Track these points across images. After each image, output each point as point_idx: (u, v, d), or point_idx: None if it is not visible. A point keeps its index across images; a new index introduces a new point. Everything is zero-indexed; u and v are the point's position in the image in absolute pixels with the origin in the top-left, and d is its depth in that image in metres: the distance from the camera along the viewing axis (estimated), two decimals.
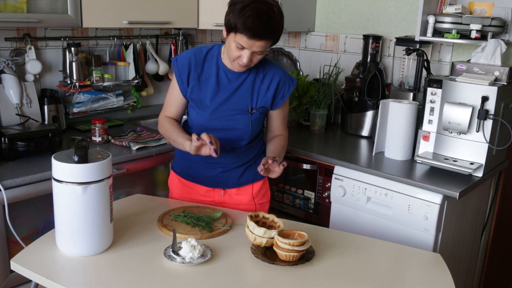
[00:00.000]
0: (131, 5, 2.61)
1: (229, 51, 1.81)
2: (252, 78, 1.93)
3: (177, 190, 2.14)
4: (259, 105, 1.95)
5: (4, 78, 2.42)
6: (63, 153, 1.54)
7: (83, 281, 1.45)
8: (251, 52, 1.76)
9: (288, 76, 2.00)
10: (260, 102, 1.95)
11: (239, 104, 1.93)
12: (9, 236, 2.03)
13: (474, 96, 2.13)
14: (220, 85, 1.92)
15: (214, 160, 1.97)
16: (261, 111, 1.98)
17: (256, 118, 1.97)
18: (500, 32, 2.34)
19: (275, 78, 1.95)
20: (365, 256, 1.66)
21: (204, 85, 1.93)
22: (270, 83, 1.94)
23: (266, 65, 1.95)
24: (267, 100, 1.96)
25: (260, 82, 1.94)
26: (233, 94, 1.93)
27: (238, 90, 1.93)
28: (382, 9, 2.92)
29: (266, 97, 1.95)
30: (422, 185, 2.09)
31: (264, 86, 1.94)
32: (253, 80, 1.93)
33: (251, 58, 1.78)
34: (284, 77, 1.97)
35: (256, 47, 1.74)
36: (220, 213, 1.87)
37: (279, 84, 1.95)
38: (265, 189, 2.15)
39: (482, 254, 2.70)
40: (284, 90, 1.98)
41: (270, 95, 1.95)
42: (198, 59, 1.92)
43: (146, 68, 3.07)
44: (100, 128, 2.51)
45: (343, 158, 2.39)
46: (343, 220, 2.39)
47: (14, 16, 2.21)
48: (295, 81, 2.01)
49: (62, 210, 1.51)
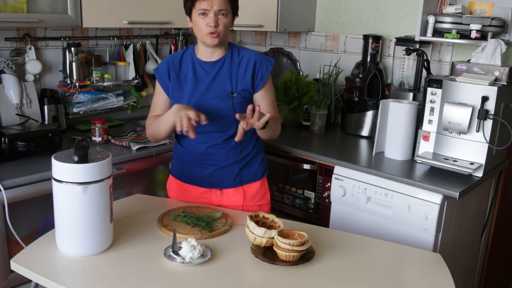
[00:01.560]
0: (131, 5, 2.61)
1: (198, 29, 1.90)
2: (228, 64, 1.97)
3: (175, 194, 2.15)
4: (239, 88, 1.96)
5: (4, 78, 2.42)
6: (63, 153, 1.54)
7: (83, 281, 1.45)
8: (214, 13, 1.84)
9: (264, 57, 2.00)
10: (240, 85, 1.96)
11: (219, 91, 1.95)
12: (9, 236, 2.03)
13: (474, 96, 2.13)
14: (198, 78, 1.97)
15: (207, 158, 2.02)
16: (243, 95, 1.96)
17: (238, 102, 1.95)
18: (500, 32, 2.34)
19: (251, 60, 1.97)
20: (365, 256, 1.66)
21: (184, 83, 1.98)
22: (247, 66, 1.96)
23: (241, 51, 2.00)
24: (246, 83, 1.96)
25: (236, 66, 1.97)
26: (212, 83, 1.96)
27: (216, 78, 1.96)
28: (382, 9, 2.92)
29: (245, 80, 1.96)
30: (422, 185, 2.09)
31: (241, 69, 1.97)
32: (229, 66, 1.97)
33: (216, 20, 1.85)
34: (260, 58, 1.98)
35: (216, 5, 1.83)
36: (220, 213, 1.87)
37: (256, 65, 1.97)
38: (263, 190, 2.14)
39: (482, 254, 2.70)
40: (262, 70, 1.97)
41: (249, 77, 1.96)
42: (175, 61, 2.01)
43: (146, 68, 3.07)
44: (100, 128, 2.51)
45: (343, 158, 2.39)
46: (343, 220, 2.39)
47: (14, 16, 2.21)
48: (272, 61, 2.01)
49: (62, 210, 1.51)
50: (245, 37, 3.61)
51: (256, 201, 2.11)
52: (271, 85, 2.03)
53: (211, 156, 2.01)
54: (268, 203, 2.17)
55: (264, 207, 2.14)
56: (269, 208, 2.17)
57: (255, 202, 2.11)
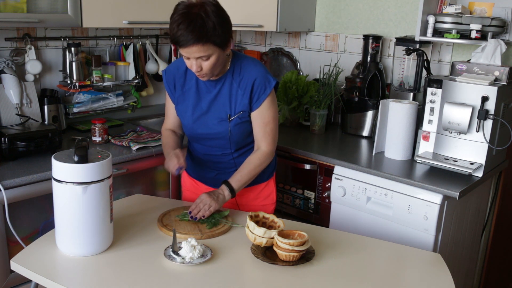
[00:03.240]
0: (131, 5, 2.61)
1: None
2: (229, 84, 1.89)
3: (188, 186, 2.21)
4: (238, 109, 1.89)
5: (4, 78, 2.42)
6: (63, 153, 1.54)
7: (83, 281, 1.45)
8: (195, 59, 1.73)
9: (265, 77, 1.87)
10: (238, 107, 1.89)
11: (219, 113, 1.91)
12: (9, 236, 2.03)
13: (474, 96, 2.13)
14: (200, 95, 1.93)
15: (208, 164, 2.04)
16: (241, 116, 1.90)
17: (235, 124, 1.90)
18: (500, 32, 2.34)
19: (250, 80, 1.86)
20: (365, 256, 1.66)
21: (187, 95, 1.94)
22: (246, 86, 1.87)
23: (244, 67, 1.89)
24: (244, 104, 1.88)
25: (237, 86, 1.88)
26: (213, 102, 1.91)
27: (217, 98, 1.91)
28: (382, 9, 2.92)
29: (243, 102, 1.88)
30: (422, 185, 2.09)
31: (241, 90, 1.88)
32: (230, 86, 1.89)
33: (200, 65, 1.74)
34: (260, 78, 1.86)
35: (194, 53, 1.70)
36: (228, 212, 1.88)
37: (254, 85, 1.86)
38: (268, 191, 2.14)
39: (482, 254, 2.70)
40: (259, 92, 1.86)
41: (246, 98, 1.87)
42: (180, 71, 1.94)
43: (146, 68, 3.07)
44: (100, 128, 2.51)
45: (343, 158, 2.39)
46: (343, 220, 2.39)
47: (14, 16, 2.21)
48: (272, 82, 1.88)
49: (62, 210, 1.51)
50: (245, 37, 3.61)
51: (260, 201, 2.12)
52: (269, 108, 1.90)
53: (209, 164, 2.05)
54: (273, 203, 2.17)
55: (268, 207, 2.15)
56: (273, 208, 2.17)
57: (258, 202, 2.12)
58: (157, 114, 3.23)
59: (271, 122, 1.92)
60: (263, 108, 1.90)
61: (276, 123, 1.96)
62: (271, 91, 1.89)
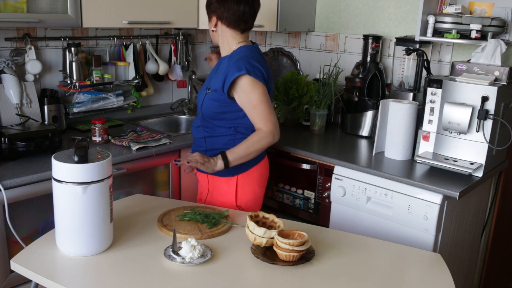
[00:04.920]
0: (131, 5, 2.61)
1: None
2: (222, 65, 2.10)
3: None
4: (213, 87, 2.07)
5: (4, 78, 2.42)
6: (63, 153, 1.54)
7: (83, 281, 1.45)
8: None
9: (238, 64, 1.99)
10: (215, 85, 2.07)
11: (205, 85, 2.15)
12: (9, 236, 2.03)
13: (474, 96, 2.13)
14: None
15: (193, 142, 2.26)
16: (214, 94, 2.05)
17: (208, 99, 2.09)
18: (500, 32, 2.34)
19: (228, 64, 2.03)
20: (365, 256, 1.66)
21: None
22: (224, 69, 2.04)
23: (235, 54, 2.06)
24: (218, 84, 2.04)
25: (222, 67, 2.08)
26: (210, 76, 2.18)
27: (211, 74, 2.18)
28: (382, 9, 2.92)
29: (218, 82, 2.04)
30: (422, 185, 2.09)
31: (222, 71, 2.05)
32: (219, 66, 2.13)
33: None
34: (232, 64, 2.01)
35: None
36: (228, 212, 1.88)
37: (229, 69, 2.01)
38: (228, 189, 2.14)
39: (482, 254, 2.70)
40: (228, 74, 2.00)
41: (221, 81, 2.03)
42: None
43: (146, 68, 3.07)
44: (100, 128, 2.51)
45: (343, 158, 2.39)
46: (343, 220, 2.39)
47: (14, 16, 2.21)
48: (243, 70, 1.97)
49: (62, 210, 1.51)
50: None
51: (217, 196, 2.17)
52: (250, 92, 2.00)
53: (194, 141, 2.24)
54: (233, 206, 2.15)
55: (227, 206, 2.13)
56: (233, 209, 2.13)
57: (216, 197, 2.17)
58: (157, 114, 3.24)
59: (259, 104, 2.01)
60: (244, 93, 2.01)
61: (267, 105, 2.03)
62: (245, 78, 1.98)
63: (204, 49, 3.51)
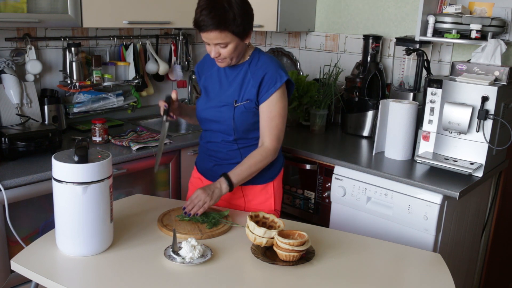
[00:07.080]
0: (131, 5, 2.61)
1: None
2: (244, 73, 1.95)
3: (193, 179, 2.21)
4: (245, 98, 1.93)
5: (4, 78, 2.42)
6: (63, 153, 1.54)
7: (83, 281, 1.45)
8: (214, 45, 1.83)
9: (278, 72, 1.91)
10: (246, 95, 1.93)
11: (227, 97, 1.96)
12: (9, 236, 2.03)
13: (474, 96, 2.13)
14: (221, 81, 2.00)
15: (208, 152, 2.07)
16: (246, 105, 1.92)
17: (240, 112, 1.93)
18: (500, 32, 2.34)
19: (263, 71, 1.91)
20: (365, 256, 1.66)
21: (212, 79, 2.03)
22: (257, 77, 1.91)
23: (261, 60, 1.94)
24: (252, 94, 1.91)
25: (250, 76, 1.93)
26: (228, 88, 1.97)
27: (232, 84, 1.97)
28: (382, 9, 2.92)
29: (252, 91, 1.91)
30: (422, 185, 2.09)
31: (253, 80, 1.92)
32: (244, 75, 1.95)
33: (218, 51, 1.85)
34: (272, 72, 1.90)
35: (212, 39, 1.81)
36: (228, 212, 1.87)
37: (265, 77, 1.89)
38: (265, 195, 2.08)
39: (482, 254, 2.70)
40: (269, 84, 1.89)
41: (255, 88, 1.91)
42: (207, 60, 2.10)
43: (146, 68, 3.07)
44: (100, 128, 2.51)
45: (343, 158, 2.39)
46: (343, 220, 2.39)
47: (14, 16, 2.21)
48: (284, 78, 1.90)
49: (62, 210, 1.51)
50: None
51: (255, 205, 2.08)
52: (277, 102, 1.92)
53: (211, 152, 2.06)
54: (271, 210, 2.10)
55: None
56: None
57: (253, 205, 2.08)
58: (157, 114, 3.23)
59: (277, 117, 1.93)
60: (271, 101, 1.92)
61: (283, 121, 1.96)
62: (282, 87, 1.91)
63: (204, 49, 3.51)
